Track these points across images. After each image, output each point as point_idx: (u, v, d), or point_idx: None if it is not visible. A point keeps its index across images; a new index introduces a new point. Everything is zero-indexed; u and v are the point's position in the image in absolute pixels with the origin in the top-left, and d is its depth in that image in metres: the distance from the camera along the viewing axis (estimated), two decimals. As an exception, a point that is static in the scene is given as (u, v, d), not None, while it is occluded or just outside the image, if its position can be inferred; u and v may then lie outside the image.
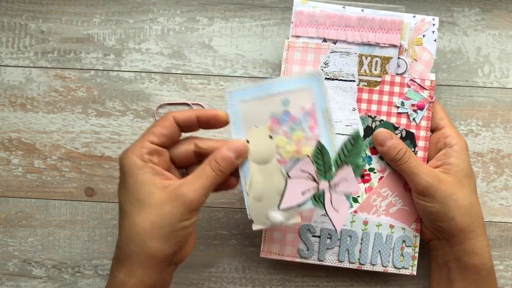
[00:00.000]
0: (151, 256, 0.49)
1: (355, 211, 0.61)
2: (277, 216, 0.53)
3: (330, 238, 0.61)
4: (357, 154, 0.53)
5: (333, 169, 0.53)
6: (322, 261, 0.61)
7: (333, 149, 0.54)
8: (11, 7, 0.67)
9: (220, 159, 0.51)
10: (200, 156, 0.54)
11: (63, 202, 0.67)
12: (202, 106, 0.66)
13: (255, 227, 0.54)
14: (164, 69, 0.67)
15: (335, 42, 0.61)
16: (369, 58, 0.61)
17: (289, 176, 0.53)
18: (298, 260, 0.61)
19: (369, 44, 0.61)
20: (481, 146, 0.66)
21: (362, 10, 0.61)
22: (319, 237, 0.61)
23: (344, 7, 0.61)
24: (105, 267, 0.66)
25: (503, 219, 0.66)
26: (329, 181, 0.53)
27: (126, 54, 0.67)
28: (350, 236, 0.61)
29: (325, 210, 0.54)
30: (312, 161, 0.53)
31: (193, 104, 0.66)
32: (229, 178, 0.54)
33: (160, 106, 0.66)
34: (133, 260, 0.49)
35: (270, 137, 0.54)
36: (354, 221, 0.61)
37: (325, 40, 0.61)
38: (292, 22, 0.61)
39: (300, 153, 0.54)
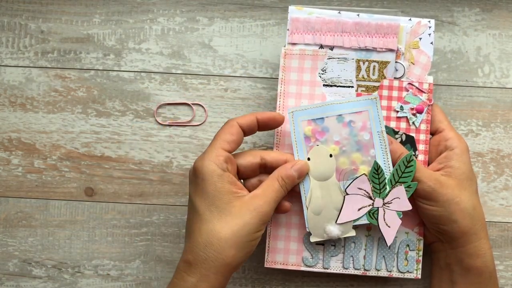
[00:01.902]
0: (227, 263, 0.52)
1: None
2: (334, 230, 0.58)
3: (334, 246, 0.61)
4: (410, 174, 0.57)
5: (388, 188, 0.57)
6: (327, 268, 0.61)
7: (387, 169, 0.58)
8: (11, 7, 0.67)
9: (286, 177, 0.55)
10: (263, 168, 0.57)
11: (63, 202, 0.67)
12: (202, 106, 0.66)
13: (313, 239, 0.58)
14: (164, 69, 0.67)
15: (332, 48, 0.61)
16: (366, 63, 0.61)
17: (346, 193, 0.57)
18: (303, 268, 0.61)
19: (366, 49, 0.61)
20: (481, 146, 0.66)
21: (358, 15, 0.61)
22: (323, 245, 0.61)
23: (339, 13, 0.61)
24: (105, 267, 0.66)
25: (504, 219, 0.66)
26: (383, 199, 0.58)
27: (126, 54, 0.67)
28: (354, 242, 0.61)
29: (378, 226, 0.58)
30: (369, 180, 0.57)
31: (193, 104, 0.66)
32: (282, 202, 0.57)
33: (160, 106, 0.66)
34: (209, 266, 0.51)
35: (331, 155, 0.58)
36: (357, 227, 0.61)
37: (321, 46, 0.61)
38: (288, 30, 0.61)
39: (358, 172, 0.58)
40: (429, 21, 0.61)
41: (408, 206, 0.57)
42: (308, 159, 0.58)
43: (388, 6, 0.67)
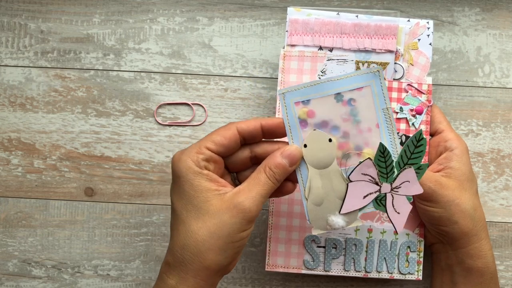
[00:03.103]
0: (205, 266, 0.48)
1: None
2: (338, 221, 0.52)
3: (335, 248, 0.61)
4: (420, 155, 0.51)
5: (396, 171, 0.51)
6: (328, 271, 0.61)
7: (395, 150, 0.52)
8: (11, 7, 0.67)
9: (274, 166, 0.50)
10: (255, 160, 0.53)
11: (63, 202, 0.67)
12: (202, 106, 0.66)
13: (315, 231, 0.53)
14: (164, 69, 0.67)
15: (331, 49, 0.61)
16: (366, 64, 0.61)
17: (350, 180, 0.51)
18: (304, 271, 0.61)
19: (365, 51, 0.61)
20: (481, 146, 0.66)
21: (357, 16, 0.61)
22: (324, 247, 0.61)
23: (338, 14, 0.61)
24: (105, 267, 0.66)
25: (504, 219, 0.66)
26: (391, 184, 0.52)
27: (126, 54, 0.67)
28: (355, 245, 0.61)
29: (387, 213, 0.52)
30: (374, 164, 0.51)
31: (193, 104, 0.66)
32: (285, 183, 0.52)
33: (160, 106, 0.66)
34: (186, 268, 0.48)
35: (330, 140, 0.52)
36: (358, 230, 0.61)
37: (321, 48, 0.61)
38: (287, 31, 0.61)
39: (361, 156, 0.52)
40: (428, 22, 0.61)
41: (419, 190, 0.51)
42: (305, 146, 0.51)
43: (388, 6, 0.67)
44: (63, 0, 0.67)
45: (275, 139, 0.53)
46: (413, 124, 0.60)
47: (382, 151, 0.51)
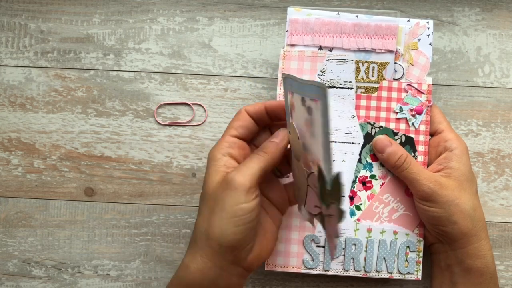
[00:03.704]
0: (209, 244, 0.51)
1: (358, 219, 0.61)
2: (304, 213, 0.55)
3: (335, 248, 0.61)
4: (337, 199, 0.45)
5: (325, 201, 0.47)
6: (328, 271, 0.61)
7: (329, 177, 0.44)
8: (11, 7, 0.67)
9: (264, 144, 0.53)
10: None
11: (63, 202, 0.67)
12: (202, 106, 0.66)
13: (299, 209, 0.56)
14: (164, 69, 0.67)
15: (331, 49, 0.61)
16: (365, 64, 0.61)
17: (308, 185, 0.51)
18: (303, 271, 0.61)
19: (365, 51, 0.61)
20: (481, 146, 0.66)
21: (357, 16, 0.61)
22: (323, 247, 0.61)
23: (338, 14, 0.61)
24: (105, 267, 0.66)
25: (504, 219, 0.66)
26: (326, 207, 0.47)
27: (126, 54, 0.67)
28: (355, 245, 0.61)
29: (325, 232, 0.53)
30: (317, 180, 0.47)
31: (193, 104, 0.66)
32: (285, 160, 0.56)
33: (160, 106, 0.66)
34: (197, 246, 0.52)
35: (298, 138, 0.50)
36: (358, 229, 0.61)
37: (320, 48, 0.61)
38: (287, 31, 0.61)
39: (312, 168, 0.48)
40: (428, 22, 0.61)
41: (337, 234, 0.49)
42: (290, 133, 0.52)
43: (388, 6, 0.67)
44: (63, 0, 0.67)
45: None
46: (412, 124, 0.60)
47: (319, 173, 0.46)
